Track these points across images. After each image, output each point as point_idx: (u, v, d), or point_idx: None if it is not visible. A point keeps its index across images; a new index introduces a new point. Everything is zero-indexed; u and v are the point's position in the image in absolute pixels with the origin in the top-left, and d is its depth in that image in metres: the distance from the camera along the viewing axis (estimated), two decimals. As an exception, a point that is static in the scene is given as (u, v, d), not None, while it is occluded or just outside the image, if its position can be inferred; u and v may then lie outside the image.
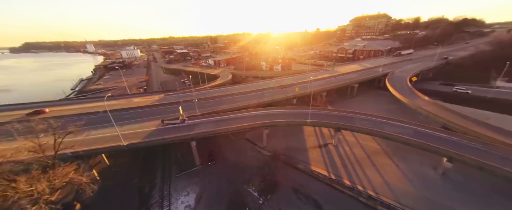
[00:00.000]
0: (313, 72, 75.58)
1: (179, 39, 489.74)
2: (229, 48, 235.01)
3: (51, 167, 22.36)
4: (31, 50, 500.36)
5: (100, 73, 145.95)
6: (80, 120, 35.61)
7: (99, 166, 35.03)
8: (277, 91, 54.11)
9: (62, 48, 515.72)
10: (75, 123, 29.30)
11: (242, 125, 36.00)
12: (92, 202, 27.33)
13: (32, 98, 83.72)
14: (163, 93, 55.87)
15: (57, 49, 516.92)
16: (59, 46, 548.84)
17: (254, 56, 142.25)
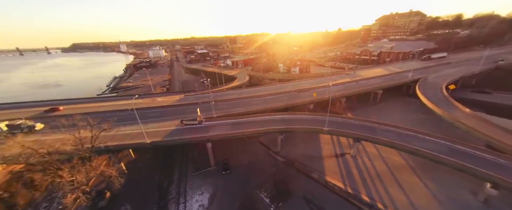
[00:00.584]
0: (333, 76, 72.38)
1: (200, 39, 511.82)
2: (247, 48, 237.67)
3: (88, 159, 25.50)
4: (77, 50, 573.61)
5: (130, 71, 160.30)
6: (113, 116, 39.80)
7: (127, 158, 38.62)
8: (293, 95, 53.14)
9: (100, 48, 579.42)
10: (109, 119, 32.90)
11: (256, 129, 36.25)
12: (119, 193, 30.25)
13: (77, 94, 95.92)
14: (183, 93, 59.07)
15: (97, 49, 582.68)
16: (98, 46, 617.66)
17: (271, 57, 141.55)
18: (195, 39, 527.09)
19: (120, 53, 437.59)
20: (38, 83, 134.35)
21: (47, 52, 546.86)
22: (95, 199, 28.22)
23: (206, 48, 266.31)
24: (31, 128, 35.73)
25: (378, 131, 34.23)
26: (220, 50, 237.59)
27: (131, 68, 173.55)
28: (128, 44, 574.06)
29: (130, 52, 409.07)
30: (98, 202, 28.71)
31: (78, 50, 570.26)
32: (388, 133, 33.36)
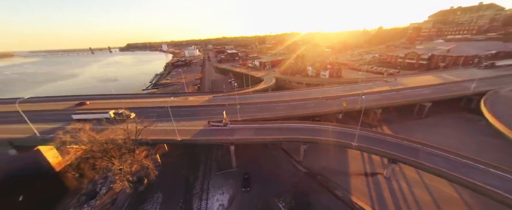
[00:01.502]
0: (368, 83, 65.34)
1: (230, 39, 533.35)
2: (276, 49, 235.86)
3: (133, 151, 29.95)
4: (130, 49, 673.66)
5: (168, 69, 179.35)
6: (153, 112, 45.48)
7: (161, 150, 43.59)
8: (321, 103, 50.35)
9: (147, 48, 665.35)
10: (150, 115, 37.81)
11: (279, 137, 35.87)
12: (153, 182, 34.37)
13: (128, 88, 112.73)
14: (212, 94, 62.82)
15: (144, 48, 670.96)
16: (146, 46, 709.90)
17: (300, 59, 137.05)
18: (226, 39, 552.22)
19: (162, 52, 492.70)
20: (102, 78, 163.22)
21: (109, 51, 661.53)
22: (136, 184, 32.88)
23: (235, 48, 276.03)
24: (128, 117, 43.50)
25: (422, 154, 29.40)
26: (249, 50, 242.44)
27: (170, 66, 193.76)
28: (169, 44, 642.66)
29: (170, 51, 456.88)
30: (138, 187, 33.41)
31: (130, 49, 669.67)
32: (436, 158, 28.30)
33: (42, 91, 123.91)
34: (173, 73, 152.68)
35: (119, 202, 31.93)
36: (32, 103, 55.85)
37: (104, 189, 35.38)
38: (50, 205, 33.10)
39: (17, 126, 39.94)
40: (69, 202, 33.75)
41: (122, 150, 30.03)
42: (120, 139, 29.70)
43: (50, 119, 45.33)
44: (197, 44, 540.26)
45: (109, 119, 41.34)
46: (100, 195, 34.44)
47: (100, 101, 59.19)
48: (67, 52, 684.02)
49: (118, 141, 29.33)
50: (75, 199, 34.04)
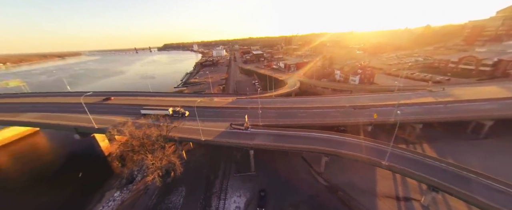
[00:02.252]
0: (406, 92, 57.65)
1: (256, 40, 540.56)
2: (302, 50, 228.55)
3: (163, 147, 33.41)
4: (166, 49, 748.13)
5: (197, 69, 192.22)
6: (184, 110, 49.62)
7: (187, 147, 47.20)
8: (348, 112, 46.76)
9: (180, 48, 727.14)
10: None
11: (299, 146, 34.85)
12: (179, 176, 37.43)
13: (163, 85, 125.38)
14: (236, 96, 64.84)
15: (178, 48, 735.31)
16: (179, 46, 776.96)
17: (327, 62, 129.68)
18: (252, 40, 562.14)
19: (192, 52, 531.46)
20: (142, 75, 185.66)
21: (150, 51, 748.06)
22: (164, 176, 36.47)
23: (261, 49, 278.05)
24: (184, 114, 47.94)
25: (476, 186, 24.50)
26: (274, 51, 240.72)
27: (198, 66, 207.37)
28: (199, 44, 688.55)
29: (200, 51, 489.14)
30: (166, 179, 37.05)
31: (167, 49, 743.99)
32: (497, 194, 23.21)
33: (101, 85, 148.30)
34: (201, 73, 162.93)
35: (150, 190, 35.98)
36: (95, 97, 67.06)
37: (139, 176, 40.38)
38: (99, 183, 39.83)
39: (82, 116, 48.57)
40: (113, 183, 39.76)
41: (155, 146, 33.76)
42: (154, 134, 33.43)
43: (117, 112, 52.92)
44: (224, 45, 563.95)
45: (168, 115, 46.21)
46: (136, 181, 39.48)
47: (128, 98, 66.95)
48: (118, 52, 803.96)
49: (152, 137, 33.09)
50: (117, 181, 39.85)
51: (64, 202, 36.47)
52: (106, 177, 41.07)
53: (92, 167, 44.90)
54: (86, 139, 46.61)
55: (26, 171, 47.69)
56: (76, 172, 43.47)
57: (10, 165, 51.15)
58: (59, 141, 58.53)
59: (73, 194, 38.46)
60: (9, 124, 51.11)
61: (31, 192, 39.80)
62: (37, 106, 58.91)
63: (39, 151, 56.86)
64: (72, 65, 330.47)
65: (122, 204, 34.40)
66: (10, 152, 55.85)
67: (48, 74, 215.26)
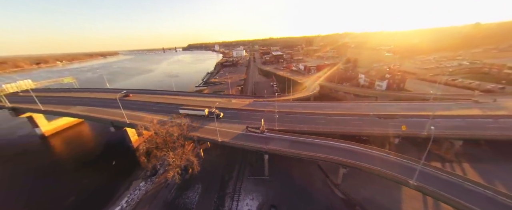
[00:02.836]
0: (445, 102, 51.09)
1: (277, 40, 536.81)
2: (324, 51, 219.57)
3: (183, 146, 35.77)
4: (190, 49, 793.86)
5: (217, 69, 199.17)
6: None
7: (204, 146, 49.51)
8: (372, 121, 43.51)
9: (203, 48, 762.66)
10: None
11: (316, 154, 33.73)
12: (196, 174, 39.41)
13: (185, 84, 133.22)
14: (253, 98, 65.47)
15: (201, 48, 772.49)
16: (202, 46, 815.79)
17: (351, 64, 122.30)
18: (272, 40, 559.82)
19: (214, 52, 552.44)
20: (168, 74, 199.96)
21: (175, 50, 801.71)
22: (183, 173, 38.94)
23: (281, 50, 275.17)
24: (218, 116, 48.72)
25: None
26: (294, 52, 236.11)
27: (219, 66, 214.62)
28: (220, 44, 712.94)
29: (221, 51, 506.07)
30: (185, 175, 39.48)
31: (190, 49, 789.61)
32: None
33: (133, 82, 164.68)
34: (221, 73, 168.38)
35: (170, 184, 38.78)
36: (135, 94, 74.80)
37: (161, 170, 43.88)
38: (128, 172, 44.58)
39: (117, 110, 54.61)
40: (139, 174, 43.99)
41: (176, 144, 36.26)
42: (176, 133, 36.02)
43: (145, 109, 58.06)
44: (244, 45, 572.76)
45: (204, 116, 48.69)
46: (158, 174, 43.02)
47: (153, 96, 72.17)
48: (148, 51, 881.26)
49: (174, 135, 35.70)
50: (143, 172, 43.93)
51: (100, 186, 41.68)
52: (133, 168, 45.55)
53: (122, 157, 50.27)
54: (119, 131, 52.39)
55: (73, 155, 56.13)
56: (110, 160, 49.27)
57: (63, 149, 60.57)
58: (98, 131, 67.07)
59: (107, 179, 43.74)
60: (62, 114, 60.23)
61: (77, 174, 46.61)
62: (84, 100, 68.20)
63: (83, 139, 66.04)
64: (111, 63, 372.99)
65: (146, 194, 37.82)
66: (62, 137, 66.05)
67: (93, 72, 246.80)
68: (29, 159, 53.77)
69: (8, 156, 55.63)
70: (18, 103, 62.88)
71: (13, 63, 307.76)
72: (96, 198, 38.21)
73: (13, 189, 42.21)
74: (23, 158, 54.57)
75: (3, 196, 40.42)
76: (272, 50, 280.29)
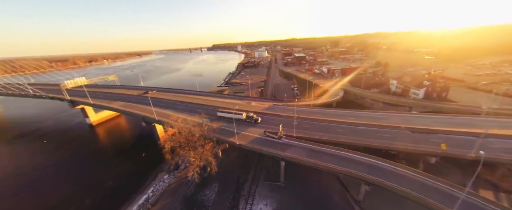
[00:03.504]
0: (503, 118, 42.91)
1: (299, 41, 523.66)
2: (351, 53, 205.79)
3: (203, 146, 37.89)
4: (214, 49, 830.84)
5: (239, 69, 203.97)
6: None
7: (223, 146, 51.33)
8: (403, 135, 39.21)
9: (226, 48, 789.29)
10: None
11: (336, 167, 32.02)
12: (214, 173, 41.09)
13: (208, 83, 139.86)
14: (272, 102, 65.20)
15: (224, 48, 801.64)
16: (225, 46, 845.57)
17: (381, 68, 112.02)
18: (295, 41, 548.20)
19: (236, 52, 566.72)
20: (193, 73, 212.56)
21: (200, 50, 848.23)
22: (201, 171, 41.18)
23: (303, 51, 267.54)
24: (256, 121, 47.94)
25: None
26: (318, 54, 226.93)
27: (240, 66, 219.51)
28: (243, 45, 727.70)
29: (243, 51, 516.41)
30: (203, 174, 41.64)
31: (214, 49, 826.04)
32: None
33: (163, 80, 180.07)
34: (242, 74, 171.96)
35: (190, 181, 41.21)
36: (160, 92, 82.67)
37: (183, 165, 47.16)
38: (155, 164, 49.05)
39: (148, 107, 60.66)
40: (163, 167, 48.04)
41: (197, 143, 38.57)
42: (197, 134, 38.37)
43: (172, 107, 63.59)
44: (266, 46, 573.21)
45: (241, 120, 48.41)
46: (180, 169, 46.34)
47: (174, 94, 77.86)
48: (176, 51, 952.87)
49: (195, 135, 38.09)
50: (167, 166, 47.84)
51: (131, 175, 46.84)
52: (159, 161, 49.93)
53: (151, 149, 55.52)
54: (149, 126, 58.02)
55: (112, 143, 64.70)
56: (140, 151, 55.00)
57: (105, 137, 70.15)
58: (132, 124, 75.48)
59: (137, 169, 48.94)
60: (106, 108, 69.54)
61: (114, 160, 53.59)
62: (122, 96, 77.43)
63: (120, 130, 75.20)
64: (145, 62, 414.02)
65: (169, 187, 41.13)
66: (105, 127, 76.39)
67: (130, 70, 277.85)
68: (81, 144, 63.88)
69: (67, 139, 67.08)
70: (75, 97, 74.77)
71: (72, 61, 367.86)
72: (128, 185, 43.17)
73: (67, 169, 50.56)
74: (77, 142, 65.22)
75: (60, 173, 48.77)
76: (295, 51, 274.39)
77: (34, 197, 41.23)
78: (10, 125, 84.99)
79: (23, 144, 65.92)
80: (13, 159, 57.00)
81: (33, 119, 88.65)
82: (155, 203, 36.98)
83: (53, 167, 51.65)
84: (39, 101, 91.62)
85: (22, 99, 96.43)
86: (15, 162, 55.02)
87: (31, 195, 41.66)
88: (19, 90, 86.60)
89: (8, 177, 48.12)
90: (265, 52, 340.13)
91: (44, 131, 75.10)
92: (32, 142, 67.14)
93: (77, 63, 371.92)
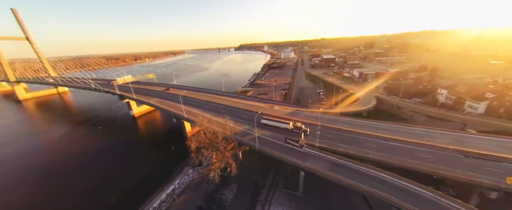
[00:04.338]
0: None
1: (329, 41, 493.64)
2: (389, 55, 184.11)
3: (225, 148, 39.67)
4: (241, 49, 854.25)
5: (264, 70, 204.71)
6: (244, 114, 55.68)
7: (243, 148, 52.61)
8: (453, 158, 33.36)
9: (253, 48, 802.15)
10: (241, 116, 46.98)
11: (362, 186, 29.44)
12: (233, 175, 42.54)
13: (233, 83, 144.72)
14: (296, 107, 63.49)
15: (251, 48, 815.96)
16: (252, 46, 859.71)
17: (428, 73, 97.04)
18: (325, 41, 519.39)
19: (263, 52, 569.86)
20: (220, 72, 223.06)
21: (228, 50, 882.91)
22: (222, 171, 43.17)
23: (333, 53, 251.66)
24: (305, 132, 43.47)
25: None
26: (349, 55, 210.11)
27: (266, 67, 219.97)
28: (269, 45, 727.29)
29: (269, 52, 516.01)
30: (223, 173, 43.58)
31: (241, 49, 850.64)
32: None
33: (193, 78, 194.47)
34: (267, 75, 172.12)
35: (211, 178, 43.70)
36: (190, 92, 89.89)
37: (205, 163, 50.23)
38: (182, 158, 53.24)
39: (179, 105, 66.62)
40: (189, 161, 52.01)
41: (219, 145, 40.55)
42: (220, 136, 40.42)
43: (199, 106, 69.81)
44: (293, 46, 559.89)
45: (288, 130, 45.04)
46: (203, 166, 49.50)
47: (202, 93, 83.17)
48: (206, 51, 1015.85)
49: (218, 137, 40.20)
50: (192, 161, 51.69)
51: (160, 165, 52.19)
52: (185, 155, 54.30)
53: (179, 144, 60.72)
54: (179, 122, 63.64)
55: (148, 135, 73.52)
56: (170, 144, 60.72)
57: (143, 129, 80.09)
58: (165, 119, 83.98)
59: (167, 160, 54.24)
60: (145, 103, 79.22)
61: (149, 150, 60.72)
62: (158, 93, 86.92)
63: (155, 123, 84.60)
64: (179, 61, 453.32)
65: (192, 181, 44.42)
66: (143, 119, 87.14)
67: (167, 68, 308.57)
68: (125, 132, 74.63)
69: (115, 127, 79.28)
70: (123, 92, 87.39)
71: (122, 59, 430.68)
72: (159, 173, 48.36)
73: (114, 154, 59.55)
74: (123, 130, 76.48)
75: (109, 156, 57.80)
76: (323, 52, 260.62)
77: (90, 173, 50.22)
78: (78, 111, 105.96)
79: (85, 129, 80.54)
80: (78, 140, 70.25)
81: (93, 107, 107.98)
82: (180, 195, 40.48)
83: (105, 150, 61.76)
84: (97, 93, 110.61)
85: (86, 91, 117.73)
86: (79, 143, 67.75)
87: (88, 172, 50.88)
88: (84, 84, 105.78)
89: (74, 155, 59.59)
90: (292, 53, 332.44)
91: (100, 118, 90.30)
92: (91, 127, 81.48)
93: (126, 61, 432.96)
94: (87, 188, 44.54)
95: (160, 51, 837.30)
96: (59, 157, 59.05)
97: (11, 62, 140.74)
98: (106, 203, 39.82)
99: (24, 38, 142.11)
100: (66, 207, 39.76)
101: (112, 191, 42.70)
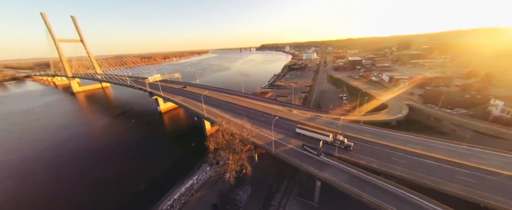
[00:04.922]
0: None
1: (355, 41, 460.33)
2: (427, 57, 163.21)
3: (241, 150, 40.66)
4: (262, 49, 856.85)
5: (284, 71, 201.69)
6: (262, 117, 56.04)
7: (259, 151, 53.09)
8: (505, 184, 28.25)
9: (274, 48, 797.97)
10: (259, 118, 47.61)
11: (387, 205, 26.92)
12: (248, 176, 43.32)
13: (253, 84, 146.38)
14: (316, 112, 61.16)
15: (272, 48, 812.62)
16: (273, 46, 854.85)
17: (479, 80, 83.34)
18: (351, 41, 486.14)
19: (284, 53, 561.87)
20: (240, 72, 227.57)
21: (249, 50, 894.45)
22: (237, 172, 44.31)
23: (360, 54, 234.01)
24: (348, 147, 38.51)
25: None
26: (378, 57, 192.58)
27: (286, 68, 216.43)
28: (291, 45, 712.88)
29: (290, 52, 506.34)
30: (239, 174, 44.71)
31: (262, 49, 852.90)
32: None
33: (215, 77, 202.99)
34: (287, 76, 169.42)
35: (226, 179, 45.23)
36: (211, 92, 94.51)
37: (222, 162, 52.15)
38: (201, 155, 56.28)
39: (200, 104, 70.57)
40: (207, 159, 54.64)
41: (237, 147, 41.72)
42: (237, 138, 41.56)
43: (218, 106, 73.30)
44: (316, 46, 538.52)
45: (327, 143, 40.90)
46: (220, 164, 51.49)
47: (222, 94, 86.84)
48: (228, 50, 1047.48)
49: (236, 137, 41.40)
50: (210, 159, 54.24)
51: (180, 160, 55.96)
52: (204, 153, 57.18)
53: (199, 141, 64.31)
54: (199, 120, 67.32)
55: (173, 130, 79.60)
56: (191, 141, 64.64)
57: (168, 124, 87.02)
58: (187, 117, 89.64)
59: (187, 156, 57.97)
60: (170, 100, 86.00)
61: (173, 145, 65.66)
62: (182, 92, 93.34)
63: (179, 119, 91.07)
64: (202, 60, 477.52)
65: (209, 179, 46.60)
66: (169, 115, 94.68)
67: (191, 67, 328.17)
68: (153, 127, 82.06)
69: (145, 121, 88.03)
70: (152, 89, 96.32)
71: (153, 58, 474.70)
72: (180, 168, 52.02)
73: (144, 146, 66.11)
74: (151, 124, 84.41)
75: (138, 148, 64.42)
76: (349, 54, 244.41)
77: (126, 160, 57.20)
78: (116, 104, 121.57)
79: (121, 120, 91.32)
80: (116, 131, 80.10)
81: (128, 101, 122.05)
82: (197, 191, 42.92)
83: (138, 141, 69.20)
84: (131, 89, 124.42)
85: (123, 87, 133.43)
86: (117, 133, 77.20)
87: (124, 159, 57.87)
88: (122, 80, 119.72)
89: (116, 143, 68.42)
90: (314, 54, 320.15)
91: (133, 112, 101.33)
92: (126, 119, 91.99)
93: (156, 60, 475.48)
94: (124, 172, 51.46)
95: (186, 51, 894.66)
96: (104, 143, 68.65)
97: (69, 60, 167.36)
98: (137, 189, 45.04)
99: (79, 41, 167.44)
100: (111, 182, 47.79)
101: (142, 179, 48.02)
